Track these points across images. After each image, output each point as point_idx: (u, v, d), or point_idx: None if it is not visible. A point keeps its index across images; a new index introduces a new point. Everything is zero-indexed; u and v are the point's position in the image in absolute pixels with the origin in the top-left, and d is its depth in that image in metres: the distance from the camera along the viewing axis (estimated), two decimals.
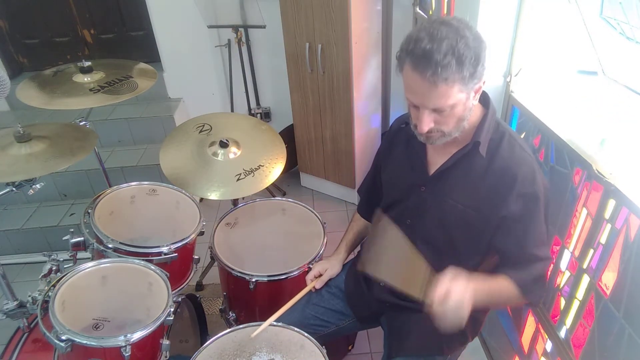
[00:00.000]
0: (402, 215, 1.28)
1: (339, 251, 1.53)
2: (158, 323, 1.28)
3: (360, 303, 1.44)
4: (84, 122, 1.86)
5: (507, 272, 1.15)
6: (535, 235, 1.14)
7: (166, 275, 1.42)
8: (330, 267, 1.48)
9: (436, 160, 1.21)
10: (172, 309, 1.34)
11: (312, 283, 1.46)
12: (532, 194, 1.10)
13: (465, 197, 1.16)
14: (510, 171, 1.10)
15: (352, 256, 1.58)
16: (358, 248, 1.58)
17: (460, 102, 1.03)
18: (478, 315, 1.32)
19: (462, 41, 0.96)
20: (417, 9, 2.63)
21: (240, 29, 2.80)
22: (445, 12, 2.06)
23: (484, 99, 1.16)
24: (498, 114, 1.64)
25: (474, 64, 0.97)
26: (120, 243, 1.53)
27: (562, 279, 1.31)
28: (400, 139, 1.31)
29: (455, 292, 1.02)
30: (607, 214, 1.09)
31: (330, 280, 1.51)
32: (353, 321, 1.48)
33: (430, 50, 0.95)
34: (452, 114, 1.05)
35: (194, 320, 1.84)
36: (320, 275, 1.48)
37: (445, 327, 1.04)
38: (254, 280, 1.58)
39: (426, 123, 1.06)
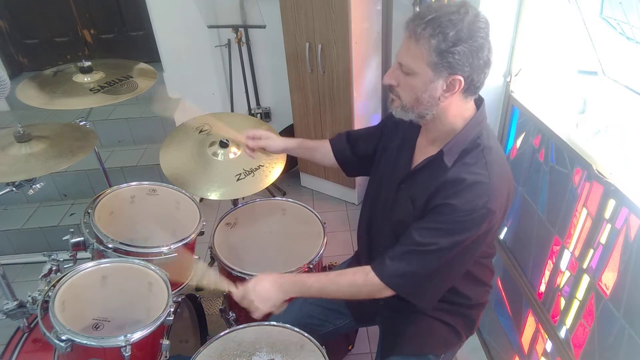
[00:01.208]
0: (385, 210, 1.27)
1: (291, 138, 1.53)
2: (158, 323, 1.28)
3: (356, 302, 1.44)
4: (84, 122, 1.86)
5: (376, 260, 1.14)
6: (430, 232, 1.07)
7: (166, 275, 1.42)
8: (271, 138, 1.49)
9: (418, 161, 1.20)
10: (172, 309, 1.34)
11: (245, 139, 1.49)
12: (468, 203, 1.02)
13: (421, 202, 1.13)
14: (460, 178, 1.04)
15: (349, 256, 1.58)
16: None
17: (423, 76, 1.01)
18: (471, 314, 1.31)
19: (452, 16, 0.96)
20: (417, 9, 2.63)
21: (240, 29, 2.80)
22: None
23: (479, 106, 1.12)
24: (498, 114, 1.66)
25: (449, 43, 0.96)
26: (120, 243, 1.52)
27: (562, 279, 1.31)
28: (401, 128, 1.29)
29: (250, 290, 1.15)
30: (607, 214, 1.09)
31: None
32: (350, 320, 1.48)
33: (426, 6, 1.01)
34: (412, 85, 1.04)
35: (194, 320, 1.84)
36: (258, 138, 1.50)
37: (263, 313, 1.16)
38: None
39: (389, 73, 1.08)
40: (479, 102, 1.13)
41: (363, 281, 1.13)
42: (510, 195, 1.12)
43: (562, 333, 1.31)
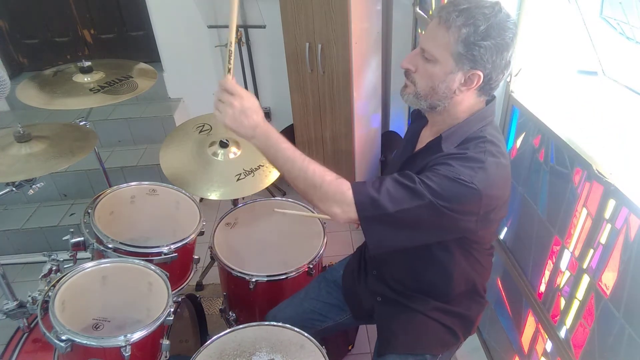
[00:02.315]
0: None
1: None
2: (158, 323, 1.28)
3: (356, 293, 1.45)
4: (84, 122, 1.86)
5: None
6: (410, 176, 1.01)
7: (166, 275, 1.42)
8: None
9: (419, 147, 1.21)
10: (172, 309, 1.34)
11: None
12: (457, 170, 0.99)
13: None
14: (455, 152, 1.05)
15: (350, 251, 1.58)
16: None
17: (444, 65, 1.01)
18: (469, 315, 1.32)
19: (486, 10, 0.97)
20: (417, 9, 2.63)
21: (240, 29, 2.80)
22: None
23: (489, 103, 1.12)
24: (498, 114, 1.66)
25: (478, 36, 0.96)
26: (120, 243, 1.53)
27: (562, 279, 1.31)
28: (412, 122, 1.31)
29: (244, 99, 1.02)
30: (607, 214, 1.09)
31: (327, 273, 1.54)
32: (350, 316, 1.48)
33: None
34: (431, 73, 1.03)
35: (194, 320, 1.84)
36: None
37: (223, 121, 1.03)
38: (254, 280, 1.58)
39: (409, 59, 1.07)
40: (489, 100, 1.13)
41: (330, 180, 1.03)
42: (503, 197, 1.08)
43: (562, 333, 1.31)
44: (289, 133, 2.98)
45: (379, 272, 1.36)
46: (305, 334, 1.31)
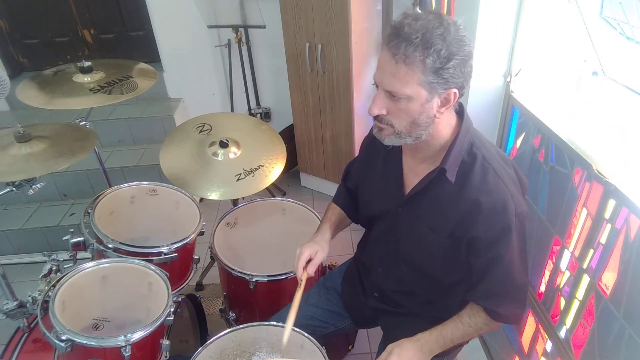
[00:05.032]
0: (386, 233, 1.27)
1: (324, 232, 1.37)
2: (158, 323, 1.28)
3: (357, 307, 1.44)
4: (84, 122, 1.86)
5: (479, 298, 1.15)
6: (509, 265, 1.08)
7: (166, 275, 1.42)
8: (321, 250, 1.30)
9: (411, 181, 1.17)
10: (172, 309, 1.34)
11: (305, 274, 1.28)
12: (501, 223, 1.04)
13: (436, 223, 1.12)
14: (479, 201, 1.04)
15: (349, 257, 1.58)
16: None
17: (418, 98, 0.96)
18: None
19: (439, 30, 0.91)
20: (417, 9, 2.63)
21: (240, 29, 2.81)
22: (445, 12, 2.06)
23: (461, 115, 1.10)
24: (498, 114, 1.66)
25: (443, 60, 0.92)
26: (120, 243, 1.53)
27: (562, 279, 1.31)
28: (378, 151, 1.26)
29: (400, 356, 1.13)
30: (607, 214, 1.09)
31: (327, 280, 1.51)
32: (351, 322, 1.48)
33: (405, 24, 0.92)
34: (406, 110, 0.98)
35: (194, 320, 1.84)
36: (310, 259, 1.30)
37: None
38: (254, 280, 1.58)
39: (377, 104, 1.01)
40: (459, 108, 1.09)
41: (484, 322, 1.17)
42: (523, 185, 1.13)
43: (562, 333, 1.31)
44: (289, 133, 2.99)
45: (381, 295, 1.37)
46: (305, 334, 1.30)
